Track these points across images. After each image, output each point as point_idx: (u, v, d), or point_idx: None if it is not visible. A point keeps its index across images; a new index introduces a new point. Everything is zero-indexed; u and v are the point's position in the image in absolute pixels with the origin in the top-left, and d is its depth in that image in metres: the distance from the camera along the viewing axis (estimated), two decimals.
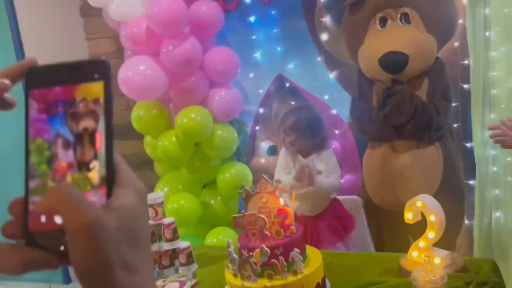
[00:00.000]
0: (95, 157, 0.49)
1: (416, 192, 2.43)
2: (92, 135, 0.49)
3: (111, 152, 0.49)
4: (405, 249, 1.93)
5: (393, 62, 2.42)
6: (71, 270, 3.75)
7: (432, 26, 2.55)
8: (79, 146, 0.49)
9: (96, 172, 0.49)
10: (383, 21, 2.54)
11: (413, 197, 1.88)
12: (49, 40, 3.71)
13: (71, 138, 0.49)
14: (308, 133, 2.48)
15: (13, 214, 0.49)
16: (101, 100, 0.49)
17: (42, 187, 0.49)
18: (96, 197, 0.48)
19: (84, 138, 0.49)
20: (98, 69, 0.50)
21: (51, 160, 0.49)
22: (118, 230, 0.46)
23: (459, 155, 2.71)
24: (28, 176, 0.49)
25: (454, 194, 2.57)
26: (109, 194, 0.48)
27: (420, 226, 1.89)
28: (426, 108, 2.45)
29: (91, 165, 0.49)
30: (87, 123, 0.49)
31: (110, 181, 0.48)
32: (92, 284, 0.45)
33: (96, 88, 0.49)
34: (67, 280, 3.81)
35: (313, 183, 2.38)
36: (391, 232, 2.70)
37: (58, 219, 0.47)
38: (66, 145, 0.49)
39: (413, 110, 2.45)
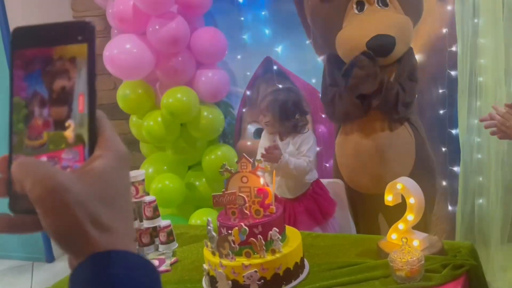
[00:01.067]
0: (71, 116, 0.49)
1: (390, 175, 2.45)
2: (69, 94, 0.49)
3: (93, 114, 0.49)
4: (378, 232, 1.94)
5: (382, 45, 2.39)
6: (54, 249, 3.75)
7: (407, 7, 2.52)
8: (56, 105, 0.49)
9: (71, 131, 0.49)
10: (360, 5, 2.51)
11: (387, 180, 1.88)
12: (36, 18, 3.66)
13: (47, 96, 0.50)
14: (281, 115, 2.45)
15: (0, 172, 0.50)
16: (84, 61, 0.49)
17: (19, 146, 0.50)
18: (70, 155, 0.49)
19: (61, 97, 0.49)
20: (83, 31, 0.50)
21: (28, 118, 0.50)
22: (87, 190, 0.46)
23: (426, 136, 2.71)
24: (11, 134, 0.50)
25: (427, 174, 2.58)
26: (90, 155, 0.50)
27: (395, 209, 1.90)
28: (391, 85, 2.44)
29: (66, 124, 0.49)
30: (64, 82, 0.49)
31: (91, 142, 0.49)
32: (67, 245, 0.46)
33: (79, 50, 0.49)
34: (50, 258, 3.80)
35: (276, 161, 2.30)
36: (366, 215, 2.72)
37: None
38: (43, 103, 0.50)
39: (379, 83, 2.42)
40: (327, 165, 3.16)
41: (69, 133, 0.49)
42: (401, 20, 2.47)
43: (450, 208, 2.97)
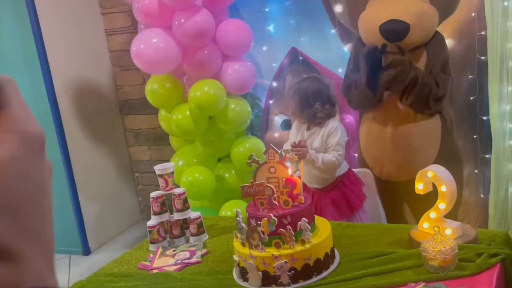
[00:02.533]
0: None
1: (412, 163, 2.41)
2: None
3: None
4: (403, 220, 1.92)
5: (394, 30, 2.37)
6: (90, 242, 3.84)
7: None
8: None
9: None
10: None
11: (408, 168, 1.85)
12: (65, 15, 3.72)
13: None
14: (300, 104, 2.41)
15: None
16: None
17: None
18: None
19: None
20: None
21: None
22: None
23: (455, 125, 2.66)
24: None
25: (452, 164, 2.53)
26: None
27: (419, 198, 1.87)
28: (426, 81, 2.40)
29: None
30: None
31: None
32: None
33: None
34: (87, 251, 3.89)
35: (302, 157, 2.25)
36: (392, 203, 2.69)
37: None
38: None
39: (413, 80, 2.39)
40: (355, 155, 3.14)
41: None
42: (421, 7, 2.43)
43: (482, 196, 2.92)
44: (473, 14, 2.76)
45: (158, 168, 2.16)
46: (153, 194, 2.16)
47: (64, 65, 3.69)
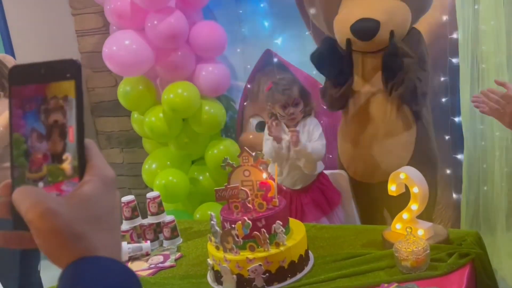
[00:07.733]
0: (67, 149, 0.55)
1: (386, 164, 2.44)
2: (63, 129, 0.55)
3: (82, 144, 0.55)
4: (380, 221, 1.93)
5: (364, 29, 2.40)
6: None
7: None
8: (52, 140, 0.55)
9: (68, 163, 0.55)
10: None
11: (382, 169, 1.86)
12: (34, 17, 3.65)
13: (44, 132, 0.55)
14: (287, 104, 2.45)
15: (3, 195, 0.56)
16: (72, 97, 0.54)
17: (21, 178, 0.55)
18: (69, 187, 0.55)
19: (56, 133, 0.55)
20: (70, 69, 0.55)
21: (28, 153, 0.55)
22: (74, 212, 0.52)
23: (432, 127, 2.69)
24: (12, 167, 0.56)
25: (426, 166, 2.55)
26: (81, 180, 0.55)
27: (396, 199, 1.88)
28: (410, 74, 2.42)
29: (64, 157, 0.55)
30: (58, 118, 0.55)
31: (81, 170, 0.55)
32: (54, 260, 0.53)
33: (69, 86, 0.55)
34: None
35: (297, 144, 2.34)
36: (368, 205, 2.71)
37: None
38: (40, 139, 0.55)
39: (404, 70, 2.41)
40: (331, 156, 3.15)
41: (66, 166, 0.55)
42: (391, 4, 2.45)
43: (454, 196, 2.95)
44: (444, 18, 2.79)
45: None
46: (124, 199, 2.12)
47: None
